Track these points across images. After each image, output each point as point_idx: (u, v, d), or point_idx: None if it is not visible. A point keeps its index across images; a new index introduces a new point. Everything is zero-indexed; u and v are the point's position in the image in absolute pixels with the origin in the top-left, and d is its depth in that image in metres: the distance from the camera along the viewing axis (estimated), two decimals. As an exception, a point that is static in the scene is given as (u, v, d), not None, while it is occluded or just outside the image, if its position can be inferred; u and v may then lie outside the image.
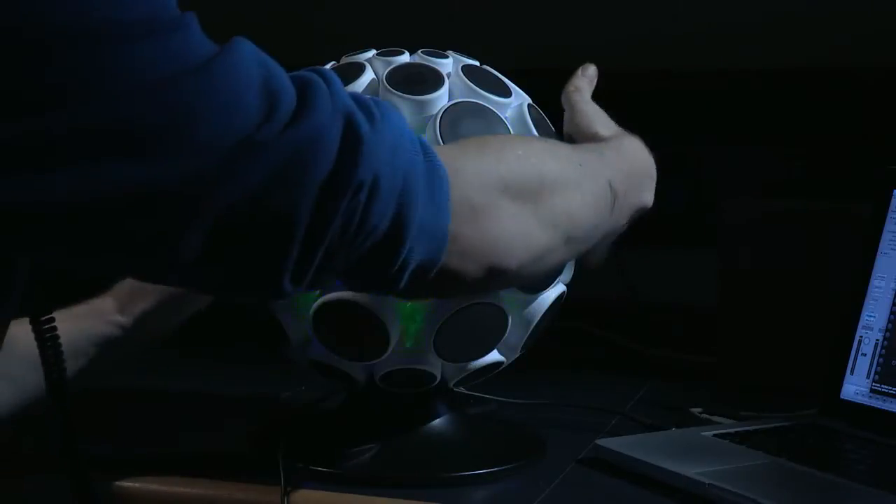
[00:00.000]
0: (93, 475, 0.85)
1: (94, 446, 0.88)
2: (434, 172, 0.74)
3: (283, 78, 0.69)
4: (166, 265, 0.68)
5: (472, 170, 0.78)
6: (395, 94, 0.96)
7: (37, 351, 0.83)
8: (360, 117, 0.70)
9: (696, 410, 1.17)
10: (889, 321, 1.11)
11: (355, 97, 0.72)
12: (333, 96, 0.70)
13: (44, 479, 0.99)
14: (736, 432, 1.07)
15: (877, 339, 1.11)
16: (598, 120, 0.98)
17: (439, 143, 0.93)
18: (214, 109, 0.65)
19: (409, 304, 0.94)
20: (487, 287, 0.82)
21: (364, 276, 0.75)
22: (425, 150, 0.74)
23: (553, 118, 1.03)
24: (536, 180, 0.81)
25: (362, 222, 0.69)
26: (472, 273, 0.77)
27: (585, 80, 1.02)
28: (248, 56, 0.68)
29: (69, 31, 0.62)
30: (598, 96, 1.03)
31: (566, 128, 0.99)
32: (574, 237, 0.85)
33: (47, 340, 0.82)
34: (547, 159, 0.84)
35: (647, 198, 0.95)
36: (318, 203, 0.67)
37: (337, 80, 0.72)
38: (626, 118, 0.99)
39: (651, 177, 0.96)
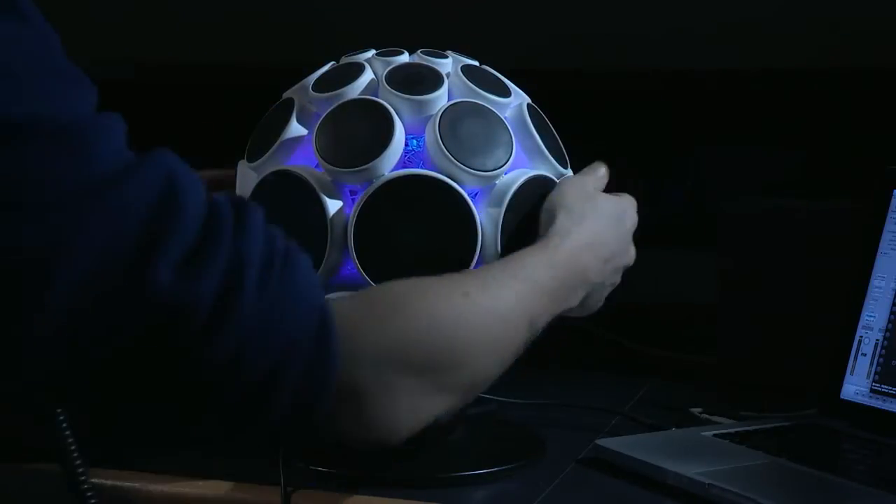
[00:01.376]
0: (93, 475, 0.85)
1: (94, 446, 0.88)
2: (323, 347, 0.69)
3: (187, 209, 0.64)
4: (52, 394, 0.67)
5: (371, 343, 0.72)
6: (394, 94, 0.96)
7: None
8: (251, 274, 0.65)
9: (696, 410, 1.17)
10: (889, 321, 1.11)
11: (268, 241, 0.68)
12: (238, 239, 0.66)
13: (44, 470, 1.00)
14: (736, 432, 1.07)
15: (877, 339, 1.11)
16: (568, 206, 0.93)
17: (439, 144, 0.93)
18: (93, 242, 0.61)
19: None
20: (371, 449, 0.76)
21: (233, 433, 0.71)
22: (322, 318, 0.69)
23: (553, 118, 1.03)
24: (446, 352, 0.76)
25: (220, 391, 0.66)
26: (351, 444, 0.75)
27: (591, 174, 0.99)
28: (153, 180, 0.63)
29: None
30: (599, 96, 1.03)
31: (544, 203, 0.95)
32: (475, 393, 0.82)
33: None
34: (462, 322, 0.78)
35: (574, 301, 0.91)
36: (178, 362, 0.65)
37: (252, 216, 0.68)
38: (627, 118, 0.99)
39: (585, 282, 0.91)
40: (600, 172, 0.99)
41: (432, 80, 0.97)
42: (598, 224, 0.93)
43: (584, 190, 0.96)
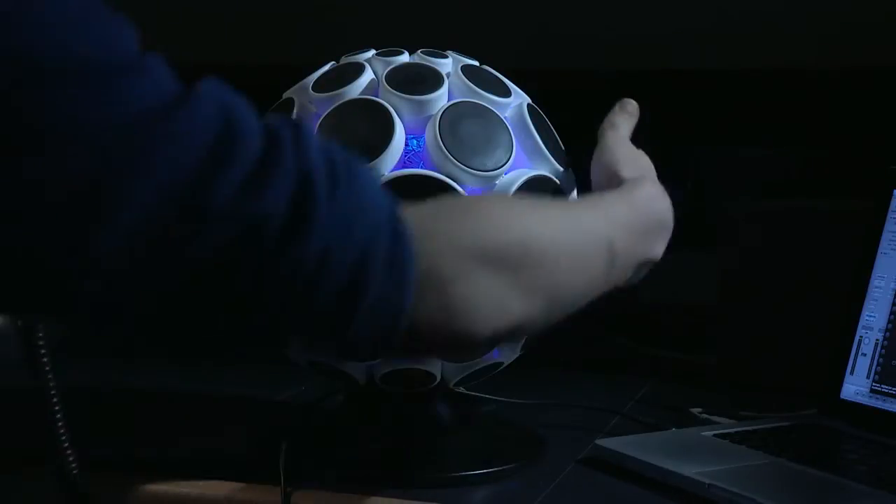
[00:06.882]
0: (93, 475, 0.85)
1: (94, 447, 0.88)
2: (399, 243, 0.69)
3: (245, 133, 0.64)
4: (108, 324, 0.66)
5: (446, 236, 0.72)
6: (394, 94, 0.96)
7: None
8: (320, 185, 0.66)
9: (696, 410, 1.17)
10: (889, 321, 1.11)
11: (328, 153, 0.68)
12: (300, 155, 0.66)
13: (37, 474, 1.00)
14: (736, 432, 1.07)
15: (877, 339, 1.11)
16: (624, 160, 0.93)
17: (439, 144, 0.93)
18: (154, 168, 0.61)
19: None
20: (458, 355, 0.77)
21: (319, 342, 0.72)
22: (393, 217, 0.69)
23: (553, 118, 1.03)
24: (520, 248, 0.75)
25: (308, 296, 0.66)
26: (439, 342, 0.74)
27: (624, 115, 0.98)
28: (206, 109, 0.64)
29: (4, 73, 0.59)
30: (599, 96, 1.02)
31: (592, 163, 0.95)
32: (558, 305, 0.79)
33: (34, 340, 0.81)
34: (535, 224, 0.77)
35: (657, 250, 0.88)
36: (261, 274, 0.64)
37: (309, 134, 0.68)
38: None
39: (665, 228, 0.89)
40: (629, 109, 0.98)
41: (432, 80, 0.97)
42: (655, 178, 0.92)
43: (631, 147, 0.94)
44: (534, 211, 0.80)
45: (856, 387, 1.11)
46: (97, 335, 0.70)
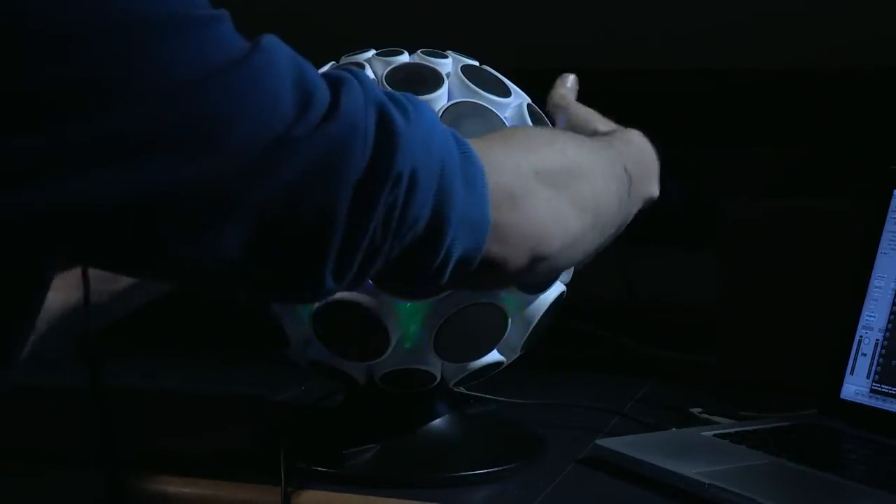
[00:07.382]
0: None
1: (94, 446, 0.88)
2: (469, 162, 0.73)
3: (315, 74, 0.68)
4: (207, 268, 0.66)
5: (503, 159, 0.77)
6: (394, 94, 0.96)
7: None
8: (393, 111, 0.69)
9: (696, 410, 1.17)
10: (889, 321, 1.11)
11: (387, 92, 0.71)
12: (365, 91, 0.69)
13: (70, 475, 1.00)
14: (736, 432, 1.07)
15: (877, 339, 1.11)
16: (596, 118, 1.00)
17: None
18: (248, 108, 0.64)
19: (409, 304, 0.94)
20: (529, 274, 0.81)
21: (408, 271, 0.74)
22: (458, 142, 0.73)
23: (553, 118, 1.03)
24: (563, 167, 0.81)
25: (403, 216, 0.69)
26: (515, 260, 0.77)
27: (565, 89, 1.04)
28: (281, 53, 0.67)
29: (92, 26, 0.60)
30: (599, 95, 1.03)
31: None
32: (601, 221, 0.85)
33: (89, 342, 0.82)
34: (569, 147, 0.85)
35: (654, 188, 0.96)
36: (357, 199, 0.67)
37: (367, 77, 0.71)
38: (625, 118, 1.00)
39: (656, 168, 0.97)
40: (569, 84, 1.05)
41: (432, 80, 0.97)
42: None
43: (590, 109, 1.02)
44: (563, 136, 0.89)
45: (856, 387, 1.11)
46: (193, 279, 0.71)
